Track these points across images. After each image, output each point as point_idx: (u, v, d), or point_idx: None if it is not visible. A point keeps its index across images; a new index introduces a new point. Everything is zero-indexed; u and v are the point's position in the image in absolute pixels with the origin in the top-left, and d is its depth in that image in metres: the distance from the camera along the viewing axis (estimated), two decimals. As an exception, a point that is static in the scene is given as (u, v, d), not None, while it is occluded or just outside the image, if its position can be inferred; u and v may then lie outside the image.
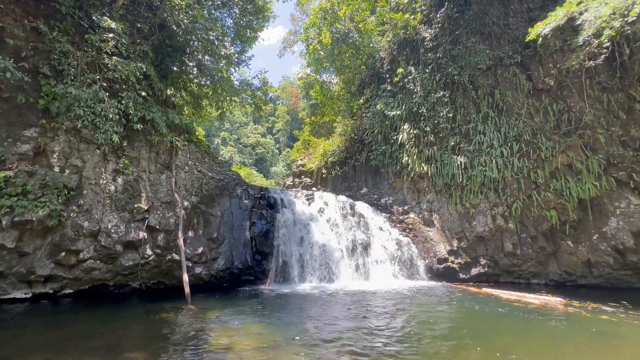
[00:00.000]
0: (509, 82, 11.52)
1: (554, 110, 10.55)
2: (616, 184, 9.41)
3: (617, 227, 9.22)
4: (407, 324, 5.60)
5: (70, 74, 7.49)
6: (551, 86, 10.82)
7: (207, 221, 8.99)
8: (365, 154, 14.33)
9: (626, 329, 5.35)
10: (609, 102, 9.76)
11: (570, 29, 9.80)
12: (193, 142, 10.53)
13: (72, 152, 7.32)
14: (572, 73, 10.25)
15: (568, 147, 10.06)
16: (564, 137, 10.15)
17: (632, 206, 9.16)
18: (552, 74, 10.73)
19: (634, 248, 8.93)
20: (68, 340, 4.51)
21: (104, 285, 7.23)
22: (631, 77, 9.46)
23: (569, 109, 10.36)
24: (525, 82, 11.20)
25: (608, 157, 9.54)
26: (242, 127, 61.85)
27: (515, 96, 11.36)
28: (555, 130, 10.43)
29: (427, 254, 10.93)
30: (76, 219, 6.83)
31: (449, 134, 12.05)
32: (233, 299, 7.51)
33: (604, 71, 9.80)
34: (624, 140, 9.56)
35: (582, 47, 9.09)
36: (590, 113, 9.94)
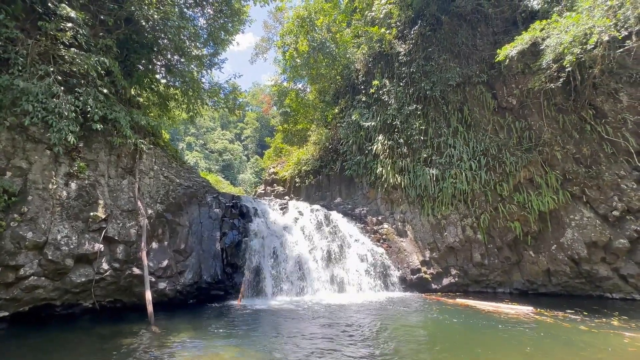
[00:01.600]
0: (477, 99, 12.14)
1: (516, 127, 11.24)
2: (571, 198, 10.14)
3: (572, 238, 9.89)
4: (386, 340, 5.44)
5: (18, 63, 6.60)
6: (514, 105, 11.56)
7: (174, 231, 8.29)
8: (340, 164, 14.30)
9: (591, 336, 5.62)
10: (564, 122, 10.59)
11: (531, 54, 10.58)
12: (159, 146, 9.78)
13: (16, 152, 6.40)
14: (532, 94, 11.04)
15: (529, 162, 10.72)
16: (526, 153, 10.82)
17: (585, 219, 9.89)
18: (514, 94, 11.48)
19: (587, 257, 9.62)
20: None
21: (48, 305, 6.29)
22: (582, 100, 10.37)
23: (529, 127, 11.10)
24: (490, 100, 11.87)
25: (564, 172, 10.29)
26: (209, 132, 59.85)
27: (482, 113, 11.98)
28: (517, 147, 11.09)
29: (400, 264, 10.99)
30: (17, 229, 5.91)
31: (421, 147, 12.38)
32: (201, 318, 6.90)
33: (559, 93, 10.65)
34: (577, 158, 10.38)
35: (543, 70, 9.81)
36: (548, 132, 10.70)
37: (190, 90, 11.32)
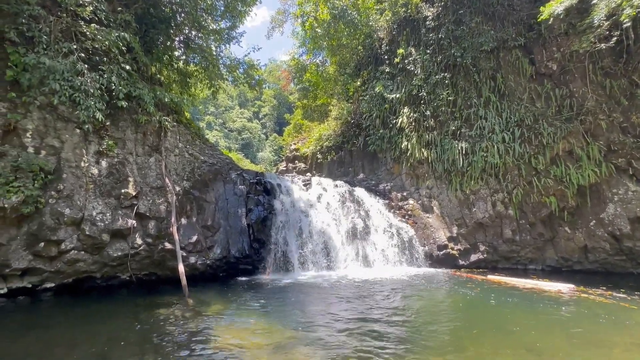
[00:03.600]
0: (512, 66, 11.24)
1: (556, 95, 10.38)
2: (615, 171, 9.41)
3: (614, 213, 9.27)
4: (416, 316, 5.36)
5: (42, 41, 6.57)
6: (554, 71, 10.61)
7: (201, 208, 8.41)
8: (363, 139, 13.90)
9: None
10: (611, 88, 9.64)
11: (577, 11, 9.53)
12: (182, 124, 9.77)
13: (48, 131, 6.52)
14: (576, 57, 10.06)
15: (569, 133, 9.95)
16: (565, 123, 10.02)
17: (630, 192, 9.20)
18: (555, 58, 10.50)
19: (630, 234, 9.03)
20: (50, 346, 3.97)
21: (89, 278, 6.62)
22: (635, 62, 9.33)
23: (571, 95, 10.21)
24: (527, 66, 10.95)
25: (608, 143, 9.50)
26: (228, 111, 59.99)
27: (518, 80, 11.11)
28: (556, 116, 10.28)
29: (426, 240, 10.79)
30: (56, 206, 6.13)
31: (449, 119, 11.75)
32: (232, 291, 7.08)
33: (608, 55, 9.64)
34: (625, 127, 9.51)
35: (592, 29, 8.83)
36: (592, 99, 9.81)
37: (211, 65, 11.10)
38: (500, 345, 4.07)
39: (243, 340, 4.24)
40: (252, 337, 4.37)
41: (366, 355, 3.70)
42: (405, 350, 3.88)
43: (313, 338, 4.27)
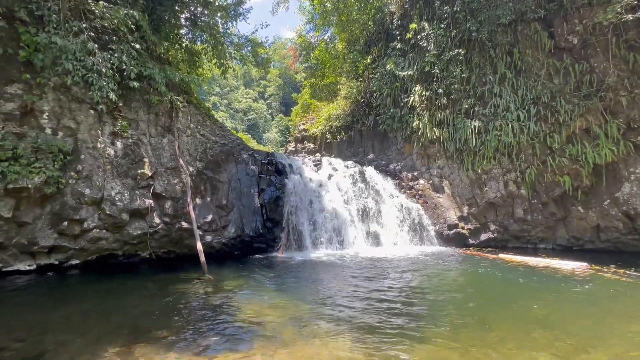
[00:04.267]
0: (530, 40, 10.80)
1: (575, 71, 10.01)
2: (634, 149, 9.21)
3: (630, 192, 9.16)
4: (431, 292, 5.48)
5: (52, 20, 6.49)
6: (574, 45, 10.18)
7: (215, 188, 8.52)
8: (373, 118, 13.73)
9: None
10: (634, 62, 9.26)
11: (602, -21, 9.03)
12: (193, 104, 9.73)
13: (64, 112, 6.57)
14: (599, 30, 9.62)
15: (587, 110, 9.68)
16: (584, 100, 9.73)
17: (647, 171, 9.04)
18: (576, 31, 10.05)
19: (645, 213, 8.95)
20: (84, 318, 4.19)
21: (112, 255, 6.87)
22: (663, 34, 8.90)
23: (591, 70, 9.84)
24: (546, 40, 10.51)
25: (628, 121, 9.24)
26: (233, 92, 59.32)
27: (535, 55, 10.72)
28: (575, 93, 9.97)
29: (437, 219, 10.85)
30: (76, 186, 6.27)
31: (462, 97, 11.48)
32: (248, 268, 7.30)
33: (633, 27, 9.19)
34: (647, 103, 9.21)
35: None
36: (614, 74, 9.46)
37: (220, 45, 10.90)
38: (513, 320, 4.17)
39: (262, 314, 4.41)
40: (270, 311, 4.54)
41: (383, 329, 3.83)
42: (419, 323, 4.01)
43: (330, 313, 4.43)
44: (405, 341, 3.48)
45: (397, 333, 3.70)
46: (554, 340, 3.46)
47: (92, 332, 3.72)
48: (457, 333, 3.71)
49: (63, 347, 3.26)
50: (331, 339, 3.56)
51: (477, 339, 3.55)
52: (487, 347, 3.34)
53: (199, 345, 3.39)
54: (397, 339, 3.54)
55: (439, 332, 3.75)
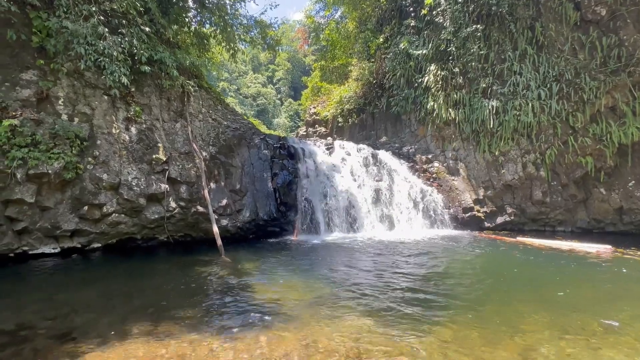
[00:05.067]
0: (553, 13, 10.19)
1: (602, 44, 9.44)
2: (663, 127, 8.74)
3: (657, 172, 8.77)
4: (448, 273, 5.43)
5: (62, 4, 6.42)
6: (602, 17, 9.56)
7: (228, 172, 8.55)
8: (386, 100, 13.39)
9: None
10: (668, 34, 8.66)
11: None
12: (203, 88, 9.65)
13: (78, 98, 6.60)
14: (630, 0, 8.98)
15: (615, 86, 9.18)
16: (611, 76, 9.22)
17: (677, 150, 8.60)
18: (604, 2, 9.42)
19: (672, 194, 8.58)
20: (109, 298, 4.31)
21: (131, 239, 7.03)
22: (701, 2, 8.25)
23: (620, 43, 9.26)
24: (572, 13, 9.89)
25: (659, 97, 8.74)
26: (242, 77, 58.84)
27: (559, 29, 10.13)
28: (601, 68, 9.45)
29: (452, 203, 10.68)
30: (94, 172, 6.37)
31: (480, 75, 11.04)
32: (264, 251, 7.38)
33: (669, -4, 8.54)
34: (680, 78, 8.66)
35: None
36: (645, 47, 8.88)
37: (229, 27, 10.67)
38: (540, 303, 4.09)
39: (280, 295, 4.45)
40: (288, 292, 4.58)
41: (402, 311, 3.82)
42: (440, 304, 3.98)
43: (347, 295, 4.44)
44: (427, 322, 3.46)
45: (418, 315, 3.68)
46: (584, 325, 3.38)
47: (117, 311, 3.83)
48: (481, 315, 3.66)
49: (91, 326, 3.36)
50: (350, 320, 3.57)
51: (503, 322, 3.50)
52: (513, 330, 3.29)
53: (221, 326, 3.44)
54: (418, 321, 3.52)
55: (462, 314, 3.70)
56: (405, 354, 2.81)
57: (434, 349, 2.89)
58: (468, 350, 2.88)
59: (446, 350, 2.87)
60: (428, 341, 3.05)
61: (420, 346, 2.95)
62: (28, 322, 3.39)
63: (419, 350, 2.88)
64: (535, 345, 2.96)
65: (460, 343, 3.02)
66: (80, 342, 2.99)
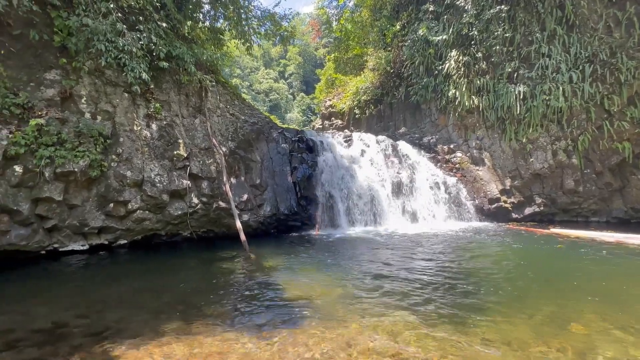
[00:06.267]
0: (586, -11, 9.54)
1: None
2: None
3: None
4: (478, 268, 5.17)
5: (81, 2, 6.41)
6: (640, -10, 8.87)
7: (248, 167, 8.48)
8: (404, 89, 13.00)
9: None
10: None
11: None
12: (220, 83, 9.58)
13: (100, 97, 6.62)
14: (674, -30, 8.28)
15: (655, 66, 8.54)
16: (651, 55, 8.57)
17: None
18: (644, -26, 8.73)
19: None
20: (139, 294, 4.30)
21: (156, 235, 7.08)
22: None
23: (661, 18, 8.59)
24: (606, -12, 9.24)
25: None
26: (254, 73, 58.90)
27: (592, 6, 9.48)
28: (639, 47, 8.80)
29: (477, 194, 10.30)
30: (118, 169, 6.40)
31: (505, 60, 10.51)
32: (286, 246, 7.30)
33: None
34: None
35: None
36: (690, 21, 8.20)
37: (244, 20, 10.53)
38: (590, 299, 3.82)
39: (309, 291, 4.33)
40: (316, 288, 4.45)
41: (436, 307, 3.63)
42: (478, 299, 3.77)
43: (376, 290, 4.27)
44: (470, 319, 3.26)
45: (458, 311, 3.49)
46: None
47: (148, 308, 3.80)
48: (528, 312, 3.43)
49: (124, 323, 3.33)
50: (386, 318, 3.41)
51: (555, 319, 3.26)
52: (567, 328, 3.05)
53: (253, 324, 3.35)
54: (459, 317, 3.32)
55: (507, 310, 3.48)
56: (452, 355, 2.63)
57: (482, 349, 2.70)
58: (520, 351, 2.67)
59: (496, 350, 2.68)
60: (474, 340, 2.86)
61: (466, 345, 2.77)
62: (63, 319, 3.40)
63: (466, 350, 2.69)
64: (595, 345, 2.72)
65: (510, 342, 2.82)
66: (116, 340, 2.96)
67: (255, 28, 11.33)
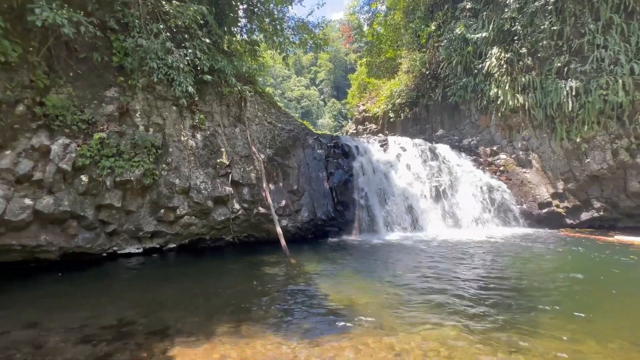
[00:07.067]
0: (647, -28, 8.70)
1: None
2: None
3: None
4: (532, 277, 4.82)
5: (136, 25, 7.00)
6: None
7: (285, 173, 8.66)
8: (441, 91, 12.62)
9: None
10: None
11: None
12: (258, 93, 9.92)
13: (152, 110, 7.14)
14: None
15: None
16: None
17: None
18: None
19: None
20: (191, 296, 4.53)
21: (201, 239, 7.43)
22: None
23: None
24: (672, -31, 8.37)
25: None
26: (285, 81, 60.31)
27: (656, -9, 8.62)
28: None
29: (524, 198, 9.66)
30: (168, 177, 6.84)
31: (552, 54, 9.85)
32: (325, 251, 7.32)
33: None
34: None
35: None
36: None
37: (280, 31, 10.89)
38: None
39: (353, 298, 4.30)
40: (360, 294, 4.42)
41: (484, 317, 3.43)
42: (535, 311, 3.51)
43: (424, 298, 4.15)
44: (528, 333, 3.05)
45: (514, 323, 3.28)
46: None
47: (200, 310, 3.99)
48: (593, 326, 3.15)
49: (181, 323, 3.52)
50: (436, 328, 3.29)
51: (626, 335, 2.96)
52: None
53: (301, 329, 3.39)
54: (516, 329, 3.13)
55: (568, 323, 3.22)
56: (515, 370, 2.48)
57: (549, 366, 2.51)
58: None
59: (565, 368, 2.48)
60: (536, 354, 2.66)
61: None
62: (127, 317, 3.67)
63: (530, 366, 2.52)
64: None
65: (575, 357, 2.59)
66: (175, 339, 3.14)
67: (290, 38, 11.64)
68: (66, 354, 2.94)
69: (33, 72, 5.77)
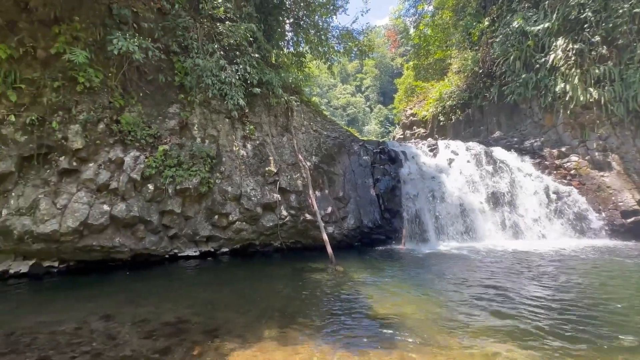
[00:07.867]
0: None
1: None
2: None
3: None
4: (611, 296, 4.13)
5: (194, 47, 7.69)
6: None
7: (331, 180, 8.70)
8: (497, 89, 11.74)
9: None
10: None
11: None
12: (304, 102, 10.18)
13: (207, 123, 7.73)
14: None
15: None
16: None
17: None
18: None
19: None
20: (239, 298, 4.72)
21: (251, 244, 7.76)
22: None
23: None
24: None
25: None
26: (331, 90, 61.12)
27: None
28: None
29: (602, 205, 8.46)
30: (221, 185, 7.30)
31: (634, 40, 8.60)
32: (372, 260, 7.15)
33: None
34: None
35: None
36: None
37: (325, 41, 11.15)
38: None
39: (400, 309, 4.12)
40: (408, 306, 4.21)
41: (547, 336, 3.01)
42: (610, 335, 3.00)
43: (477, 313, 3.82)
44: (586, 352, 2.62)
45: (587, 348, 2.84)
46: None
47: (249, 312, 4.13)
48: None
49: (231, 324, 3.68)
50: (492, 347, 2.99)
51: None
52: None
53: (346, 337, 3.33)
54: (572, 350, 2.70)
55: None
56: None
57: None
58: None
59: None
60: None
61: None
62: (184, 316, 3.94)
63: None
64: None
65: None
66: (225, 339, 3.28)
67: (334, 47, 11.82)
68: (133, 345, 3.25)
69: (111, 94, 6.62)
